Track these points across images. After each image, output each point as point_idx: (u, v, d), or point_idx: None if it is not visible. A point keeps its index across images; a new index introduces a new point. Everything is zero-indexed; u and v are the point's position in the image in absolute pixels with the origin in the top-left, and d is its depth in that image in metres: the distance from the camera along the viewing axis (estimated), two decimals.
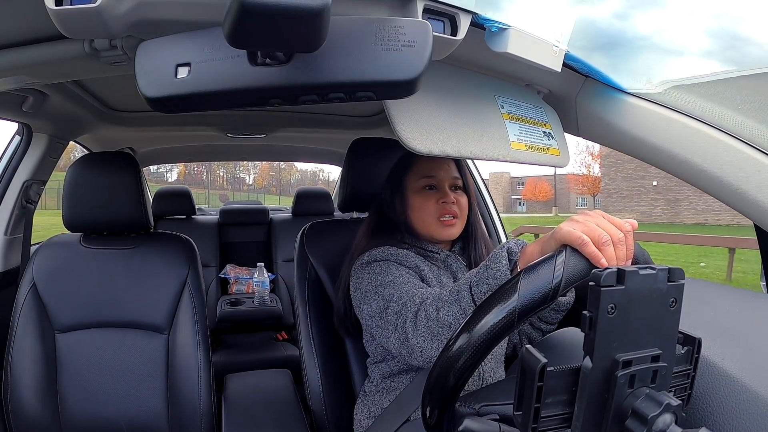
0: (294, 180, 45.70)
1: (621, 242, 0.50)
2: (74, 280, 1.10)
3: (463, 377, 0.45)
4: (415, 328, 0.71)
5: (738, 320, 0.60)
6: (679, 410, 0.39)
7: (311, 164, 52.66)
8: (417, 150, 0.62)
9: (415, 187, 0.93)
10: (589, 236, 0.48)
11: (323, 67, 0.45)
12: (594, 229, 0.49)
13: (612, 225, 0.51)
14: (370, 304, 0.83)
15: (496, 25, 0.60)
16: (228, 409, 1.13)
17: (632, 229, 0.52)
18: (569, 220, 0.52)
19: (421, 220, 0.92)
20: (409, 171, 0.94)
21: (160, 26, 0.51)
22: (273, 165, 40.28)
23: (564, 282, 0.45)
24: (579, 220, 0.51)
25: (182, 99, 0.45)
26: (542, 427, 0.40)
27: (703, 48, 35.40)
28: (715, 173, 0.69)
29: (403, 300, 0.76)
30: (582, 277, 0.47)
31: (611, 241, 0.49)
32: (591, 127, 0.82)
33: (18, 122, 1.23)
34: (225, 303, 2.00)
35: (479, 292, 0.64)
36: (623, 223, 0.52)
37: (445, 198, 0.91)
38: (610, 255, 0.49)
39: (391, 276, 0.83)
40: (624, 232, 0.51)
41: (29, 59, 0.69)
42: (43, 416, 1.02)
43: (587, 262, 0.47)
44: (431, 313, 0.69)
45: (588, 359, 0.40)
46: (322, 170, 43.90)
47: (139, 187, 1.13)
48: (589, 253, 0.47)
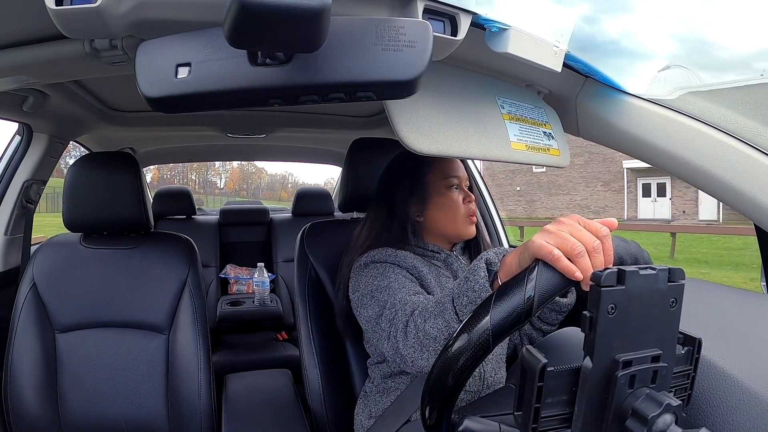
0: (264, 183, 46.43)
1: (596, 250, 0.47)
2: (74, 280, 1.10)
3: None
4: (405, 339, 0.72)
5: (738, 320, 0.60)
6: (679, 410, 0.39)
7: (281, 168, 51.82)
8: (417, 150, 0.62)
9: (439, 186, 0.93)
10: (561, 248, 0.46)
11: (323, 67, 0.45)
12: (566, 240, 0.47)
13: (587, 232, 0.48)
14: (367, 309, 0.83)
15: (496, 26, 0.60)
16: (228, 409, 1.13)
17: (610, 232, 0.49)
18: (542, 231, 0.50)
19: (449, 218, 0.93)
20: (431, 171, 0.94)
21: (160, 26, 0.51)
22: (243, 169, 40.68)
23: (537, 300, 0.44)
24: (552, 231, 0.49)
25: (182, 99, 0.45)
26: (542, 427, 0.40)
27: (670, 52, 35.62)
28: (715, 173, 0.69)
29: (395, 308, 0.76)
30: (557, 292, 0.46)
31: (585, 251, 0.47)
32: (591, 128, 0.82)
33: (18, 122, 1.23)
34: (225, 303, 2.00)
35: (460, 304, 0.64)
36: (599, 228, 0.49)
37: (469, 197, 0.94)
38: (585, 266, 0.46)
39: (386, 281, 0.83)
40: (600, 238, 0.48)
41: (29, 59, 0.69)
42: (43, 416, 1.02)
43: (561, 276, 0.46)
44: (419, 324, 0.69)
45: (588, 359, 0.40)
46: (291, 174, 44.25)
47: (139, 187, 1.13)
48: (562, 268, 0.46)
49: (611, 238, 0.49)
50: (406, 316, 0.73)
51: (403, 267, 0.87)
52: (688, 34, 6.78)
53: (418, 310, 0.71)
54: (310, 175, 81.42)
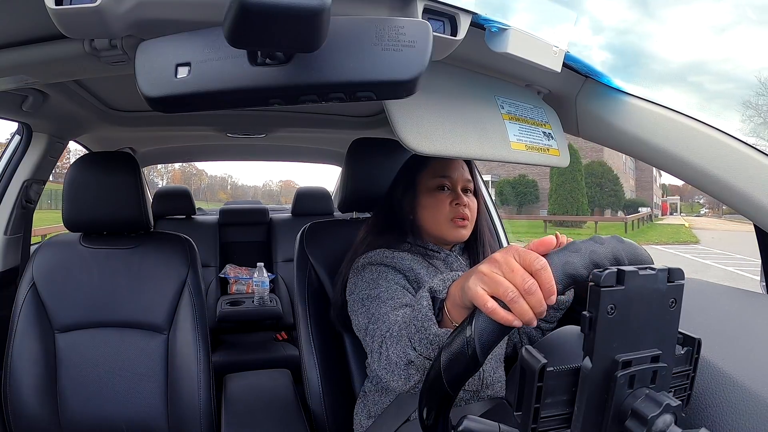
0: (204, 185, 47.55)
1: (529, 292, 0.44)
2: (74, 279, 1.10)
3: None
4: (379, 360, 0.73)
5: (738, 320, 0.60)
6: (679, 411, 0.39)
7: (221, 170, 54.01)
8: (417, 150, 0.62)
9: (428, 186, 0.93)
10: (495, 294, 0.45)
11: (323, 67, 0.45)
12: (499, 285, 0.45)
13: (520, 271, 0.45)
14: (358, 317, 0.84)
15: (496, 26, 0.60)
16: (228, 409, 1.13)
17: (546, 264, 0.45)
18: (477, 273, 0.48)
19: (433, 220, 0.92)
20: (424, 170, 0.94)
21: (160, 26, 0.51)
22: (185, 171, 41.76)
23: (480, 351, 0.44)
24: (485, 273, 0.47)
25: (182, 99, 0.45)
26: (542, 427, 0.40)
27: (607, 64, 35.83)
28: (715, 174, 0.69)
29: (378, 324, 0.77)
30: (500, 339, 0.45)
31: (519, 295, 0.44)
32: (591, 128, 0.82)
33: (18, 122, 1.23)
34: (225, 303, 2.00)
35: (410, 333, 0.64)
36: (532, 261, 0.45)
37: (459, 200, 0.91)
38: (521, 311, 0.44)
39: (377, 290, 0.83)
40: (535, 273, 0.45)
41: (29, 59, 0.69)
42: (42, 416, 1.02)
43: (500, 324, 0.45)
44: (384, 349, 0.71)
45: (588, 359, 0.40)
46: (231, 176, 44.93)
47: (139, 187, 1.13)
48: (499, 320, 0.44)
49: (552, 266, 0.45)
50: (381, 336, 0.74)
51: (399, 269, 0.87)
52: (625, 46, 6.72)
53: (389, 333, 0.72)
54: (250, 178, 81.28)
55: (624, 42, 15.42)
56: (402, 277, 0.86)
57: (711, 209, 40.62)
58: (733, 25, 65.40)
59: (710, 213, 39.82)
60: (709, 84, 55.68)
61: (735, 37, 59.75)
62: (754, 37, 61.06)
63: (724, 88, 30.20)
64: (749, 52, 57.21)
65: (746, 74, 50.04)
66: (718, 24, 68.44)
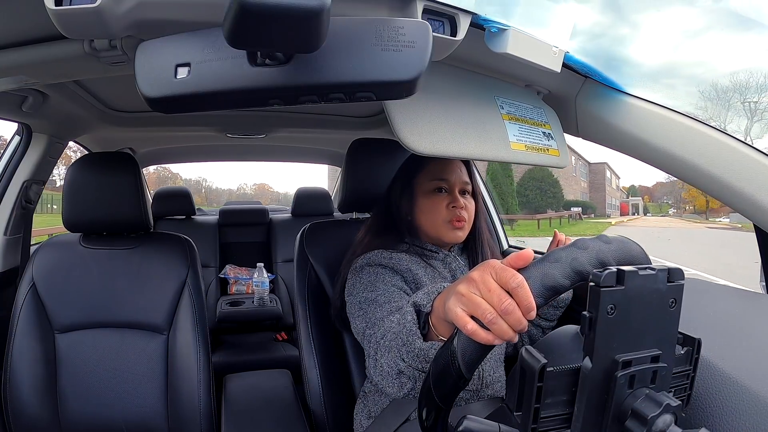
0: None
1: (507, 312, 0.43)
2: (74, 280, 1.10)
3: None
4: (375, 367, 0.74)
5: (738, 320, 0.60)
6: (679, 411, 0.39)
7: (195, 173, 55.80)
8: (416, 150, 0.62)
9: (425, 188, 0.93)
10: (474, 315, 0.45)
11: (323, 67, 0.45)
12: (477, 305, 0.45)
13: (497, 290, 0.44)
14: (356, 320, 0.84)
15: (495, 26, 0.60)
16: (228, 409, 1.13)
17: (522, 281, 0.43)
18: (456, 293, 0.48)
19: (430, 222, 0.92)
20: (421, 172, 0.94)
21: (160, 26, 0.51)
22: (159, 174, 42.73)
23: (465, 369, 0.45)
24: (463, 294, 0.47)
25: (182, 99, 0.45)
26: (542, 428, 0.40)
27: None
28: (715, 173, 0.69)
29: (374, 329, 0.78)
30: (484, 355, 0.46)
31: (497, 315, 0.44)
32: (591, 128, 0.82)
33: (18, 122, 1.22)
34: (225, 303, 2.00)
35: (398, 345, 0.66)
36: (509, 279, 0.44)
37: (456, 203, 0.91)
38: (500, 331, 0.44)
39: (375, 293, 0.83)
40: (512, 290, 0.44)
41: (29, 59, 0.69)
42: (42, 416, 1.02)
43: (482, 344, 0.45)
44: (379, 356, 0.73)
45: (588, 359, 0.40)
46: (205, 180, 45.73)
47: (139, 187, 1.13)
48: (480, 340, 0.44)
49: (530, 281, 0.44)
50: (376, 343, 0.75)
51: (397, 270, 0.87)
52: (597, 50, 6.74)
53: (382, 340, 0.73)
54: (225, 181, 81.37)
55: (597, 46, 15.62)
56: (400, 279, 0.86)
57: (677, 210, 41.92)
58: (705, 30, 65.52)
59: (674, 213, 41.25)
60: (682, 87, 56.04)
61: (707, 41, 59.97)
62: (726, 42, 61.17)
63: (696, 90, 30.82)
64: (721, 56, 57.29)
65: (718, 77, 50.48)
66: (691, 28, 68.60)
